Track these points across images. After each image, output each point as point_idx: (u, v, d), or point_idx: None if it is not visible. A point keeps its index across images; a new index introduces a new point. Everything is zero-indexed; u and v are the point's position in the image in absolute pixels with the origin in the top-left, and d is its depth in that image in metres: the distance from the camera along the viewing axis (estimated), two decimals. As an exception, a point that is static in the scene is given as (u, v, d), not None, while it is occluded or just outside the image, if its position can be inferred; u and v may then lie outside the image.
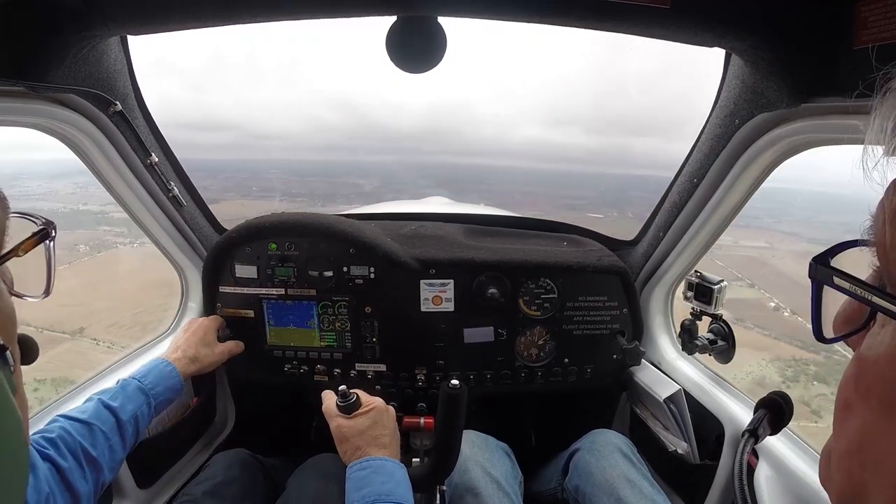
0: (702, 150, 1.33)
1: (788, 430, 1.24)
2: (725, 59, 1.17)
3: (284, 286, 1.59)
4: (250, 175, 53.59)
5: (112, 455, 1.06)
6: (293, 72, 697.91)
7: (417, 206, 2.55)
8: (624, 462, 1.33)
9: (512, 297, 1.62)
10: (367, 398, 1.13)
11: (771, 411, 0.96)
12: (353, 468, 1.02)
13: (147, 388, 1.20)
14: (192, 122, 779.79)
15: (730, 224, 1.40)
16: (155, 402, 1.20)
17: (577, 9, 0.93)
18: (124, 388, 1.17)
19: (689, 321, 1.53)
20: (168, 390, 1.25)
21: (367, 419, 1.09)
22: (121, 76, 1.23)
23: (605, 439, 1.42)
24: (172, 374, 1.27)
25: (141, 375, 1.22)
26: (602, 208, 30.05)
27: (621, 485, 1.25)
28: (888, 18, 0.76)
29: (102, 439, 1.05)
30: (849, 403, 0.38)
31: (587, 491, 1.30)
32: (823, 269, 0.40)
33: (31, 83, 1.00)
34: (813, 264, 0.41)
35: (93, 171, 1.30)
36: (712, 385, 1.48)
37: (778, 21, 0.90)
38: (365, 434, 1.07)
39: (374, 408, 1.12)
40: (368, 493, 0.96)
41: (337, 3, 0.98)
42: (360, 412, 1.10)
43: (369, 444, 1.06)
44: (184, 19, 1.01)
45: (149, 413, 1.18)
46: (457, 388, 1.14)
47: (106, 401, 1.11)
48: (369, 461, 1.03)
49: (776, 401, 0.97)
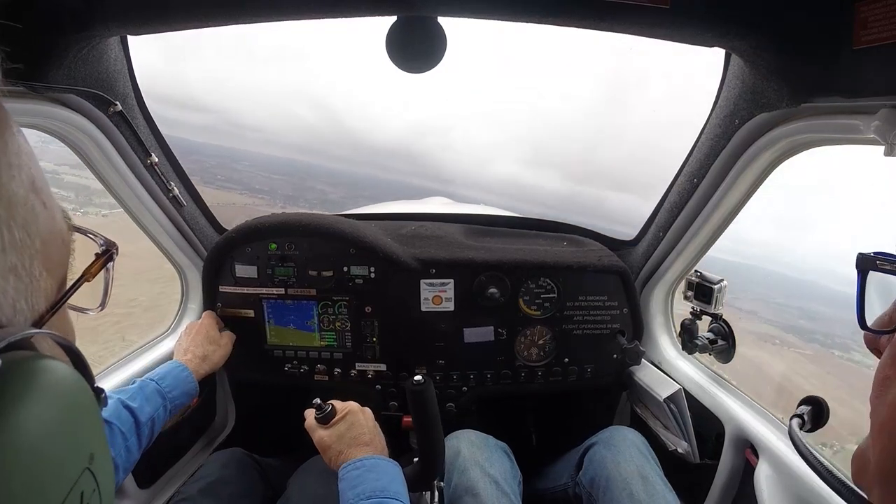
0: (702, 150, 1.33)
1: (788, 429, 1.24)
2: (725, 58, 1.16)
3: (284, 286, 1.59)
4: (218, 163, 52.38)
5: (128, 456, 1.06)
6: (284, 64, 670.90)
7: (417, 206, 2.55)
8: (640, 458, 1.33)
9: (512, 297, 1.63)
10: (341, 405, 1.15)
11: (814, 406, 0.97)
12: (346, 468, 1.02)
13: (165, 391, 1.20)
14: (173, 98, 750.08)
15: (730, 224, 1.40)
16: (171, 406, 1.21)
17: (577, 9, 0.93)
18: (143, 389, 1.17)
19: (689, 321, 1.53)
20: (184, 395, 1.26)
21: (344, 423, 1.10)
22: (121, 76, 1.23)
23: (622, 435, 1.43)
24: (189, 379, 1.28)
25: (158, 378, 1.22)
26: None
27: (635, 480, 1.25)
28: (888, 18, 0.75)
29: (121, 439, 1.05)
30: (888, 378, 0.42)
31: (602, 484, 1.30)
32: (868, 258, 0.46)
33: (31, 83, 1.00)
34: (859, 256, 0.47)
35: (93, 170, 1.30)
36: (712, 385, 1.48)
37: (778, 21, 0.90)
38: (344, 437, 1.08)
39: (349, 411, 1.13)
40: (362, 491, 0.96)
41: (337, 3, 0.98)
42: (336, 420, 1.11)
43: (350, 445, 1.07)
44: (184, 19, 1.01)
45: (164, 416, 1.19)
46: (420, 384, 1.14)
47: (125, 400, 1.11)
48: (362, 460, 1.03)
49: (820, 400, 0.98)
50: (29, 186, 0.38)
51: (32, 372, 0.33)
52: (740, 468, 1.31)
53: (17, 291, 0.37)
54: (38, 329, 0.39)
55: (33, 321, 0.39)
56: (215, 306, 1.61)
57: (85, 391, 0.38)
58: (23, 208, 0.38)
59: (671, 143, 19.39)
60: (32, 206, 0.39)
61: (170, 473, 1.51)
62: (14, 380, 0.32)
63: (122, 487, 1.28)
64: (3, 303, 0.35)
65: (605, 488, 1.29)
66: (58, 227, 0.43)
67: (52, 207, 0.42)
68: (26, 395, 0.32)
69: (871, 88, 0.85)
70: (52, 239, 0.41)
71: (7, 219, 0.35)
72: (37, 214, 0.39)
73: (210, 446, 1.73)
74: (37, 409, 0.32)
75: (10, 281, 0.36)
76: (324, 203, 39.98)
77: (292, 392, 1.83)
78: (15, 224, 0.36)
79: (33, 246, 0.38)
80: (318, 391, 1.16)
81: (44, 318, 0.40)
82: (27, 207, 0.38)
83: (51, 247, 0.41)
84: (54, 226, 0.42)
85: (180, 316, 1.73)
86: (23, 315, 0.37)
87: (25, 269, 0.38)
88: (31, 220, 0.38)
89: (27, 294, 0.38)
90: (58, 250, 0.43)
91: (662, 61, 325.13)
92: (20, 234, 0.37)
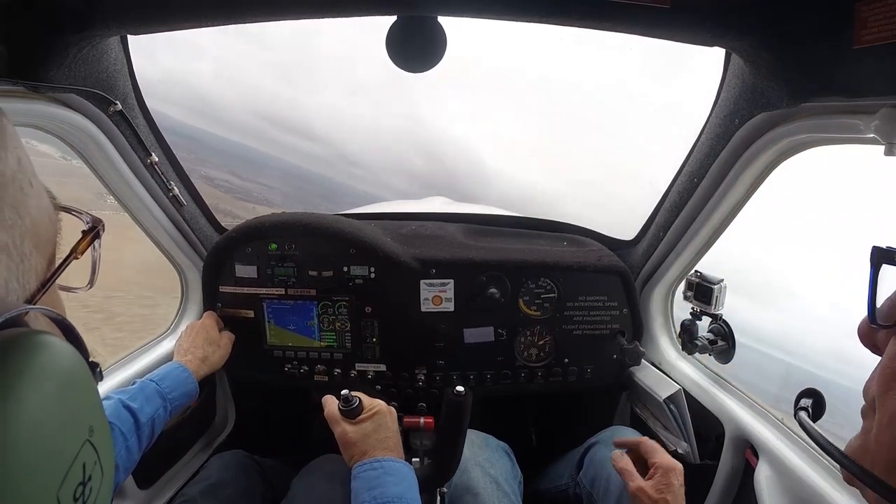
0: (702, 149, 1.32)
1: (787, 429, 1.24)
2: (725, 58, 1.16)
3: (284, 286, 1.59)
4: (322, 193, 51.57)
5: (129, 456, 1.06)
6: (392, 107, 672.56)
7: (417, 205, 2.55)
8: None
9: (512, 297, 1.62)
10: (370, 401, 1.13)
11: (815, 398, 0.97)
12: (361, 467, 1.01)
13: (165, 392, 1.20)
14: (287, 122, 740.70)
15: (730, 224, 1.40)
16: (171, 407, 1.20)
17: (577, 9, 0.93)
18: (143, 390, 1.17)
19: (689, 321, 1.53)
20: (184, 395, 1.25)
21: (372, 423, 1.08)
22: (121, 76, 1.23)
23: (623, 434, 1.43)
24: (189, 381, 1.28)
25: (158, 378, 1.22)
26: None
27: None
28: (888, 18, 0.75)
29: (121, 440, 1.04)
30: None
31: (602, 484, 1.31)
32: (881, 251, 0.47)
33: (31, 83, 1.00)
34: (874, 249, 0.47)
35: (93, 170, 1.30)
36: (712, 385, 1.48)
37: (778, 21, 0.90)
38: (370, 438, 1.06)
39: (378, 411, 1.11)
40: (381, 494, 0.95)
41: (337, 3, 0.98)
42: (364, 416, 1.09)
43: (375, 447, 1.05)
44: (184, 18, 1.01)
45: (164, 417, 1.18)
46: (461, 395, 1.13)
47: (126, 401, 1.10)
48: (380, 461, 1.02)
49: (818, 392, 0.99)
50: (16, 166, 0.39)
51: (31, 347, 0.34)
52: (740, 469, 1.31)
53: (9, 271, 0.37)
54: (32, 306, 0.39)
55: (25, 300, 0.39)
56: (215, 306, 1.61)
57: (81, 365, 0.38)
58: (11, 187, 0.38)
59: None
60: (20, 186, 0.39)
61: (169, 474, 1.51)
62: (13, 355, 0.32)
63: (122, 488, 1.28)
64: None
65: (606, 488, 1.29)
66: (45, 205, 0.43)
67: (38, 186, 0.42)
68: (26, 371, 0.32)
69: (871, 88, 0.85)
70: (41, 217, 0.42)
71: None
72: (25, 194, 0.39)
73: (210, 447, 1.73)
74: (36, 383, 0.32)
75: (1, 260, 0.36)
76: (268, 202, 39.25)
77: (292, 392, 1.83)
78: (4, 203, 0.37)
79: (23, 225, 0.39)
80: (318, 391, 1.15)
81: (35, 296, 0.41)
82: (16, 186, 0.38)
83: (39, 225, 0.41)
84: (41, 204, 0.42)
85: (180, 316, 1.73)
86: (15, 294, 0.38)
87: (17, 247, 0.38)
88: (20, 200, 0.39)
89: (18, 273, 0.38)
90: (46, 229, 0.43)
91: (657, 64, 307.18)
92: (10, 214, 0.37)
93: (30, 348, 0.34)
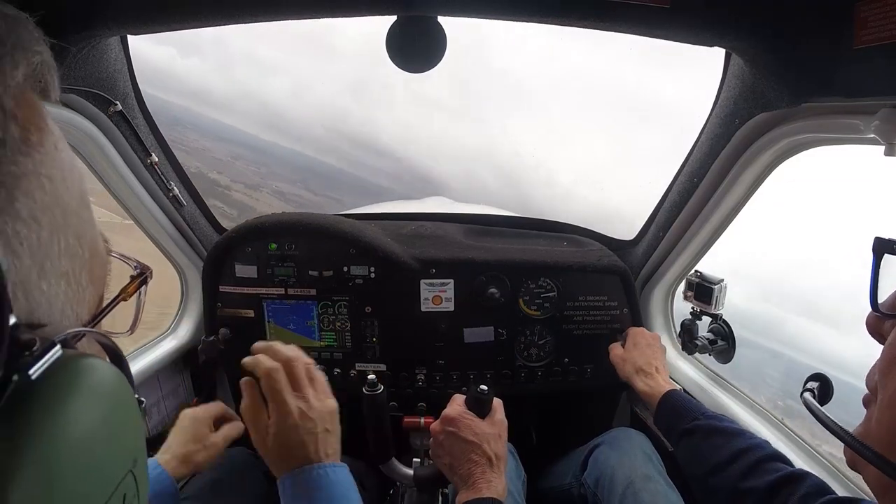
0: (702, 149, 1.33)
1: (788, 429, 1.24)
2: (725, 58, 1.16)
3: (284, 286, 1.59)
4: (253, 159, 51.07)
5: None
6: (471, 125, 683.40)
7: (417, 206, 2.55)
8: (644, 459, 1.34)
9: (512, 297, 1.62)
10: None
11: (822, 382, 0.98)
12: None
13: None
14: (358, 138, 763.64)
15: (730, 224, 1.40)
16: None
17: (577, 8, 0.93)
18: None
19: (689, 321, 1.53)
20: (155, 496, 1.08)
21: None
22: (121, 76, 1.23)
23: (627, 436, 1.44)
24: (161, 478, 1.11)
25: None
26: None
27: (639, 480, 1.26)
28: (888, 18, 0.75)
29: None
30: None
31: (606, 484, 1.31)
32: (885, 241, 0.48)
33: None
34: (877, 239, 0.49)
35: (93, 170, 1.30)
36: (712, 385, 1.48)
37: (778, 21, 0.90)
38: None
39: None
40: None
41: (337, 3, 0.98)
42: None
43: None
44: (184, 18, 1.01)
45: None
46: (484, 393, 1.11)
47: None
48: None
49: (826, 376, 1.00)
50: (79, 200, 0.40)
51: (85, 369, 0.33)
52: None
53: (67, 297, 0.38)
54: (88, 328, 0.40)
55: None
56: (215, 306, 1.61)
57: (130, 394, 0.38)
58: (75, 218, 0.39)
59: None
60: (85, 219, 0.41)
61: None
62: (68, 376, 0.32)
63: None
64: (53, 305, 0.36)
65: (610, 489, 1.29)
66: (100, 246, 0.44)
67: (96, 226, 0.43)
68: (78, 392, 0.32)
69: (871, 88, 0.85)
70: (97, 253, 0.43)
71: (64, 226, 0.37)
72: (86, 226, 0.41)
73: None
74: (89, 406, 0.32)
75: (61, 286, 0.37)
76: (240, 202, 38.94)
77: None
78: (70, 231, 0.38)
79: (83, 256, 0.40)
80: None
81: (85, 327, 0.41)
82: (80, 218, 0.40)
83: (95, 260, 0.42)
84: (98, 242, 0.44)
85: (180, 316, 1.73)
86: (68, 320, 0.38)
87: (75, 276, 0.38)
88: (82, 232, 0.40)
89: (74, 301, 0.39)
90: (100, 266, 0.44)
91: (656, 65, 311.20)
92: (73, 242, 0.38)
93: (85, 370, 0.33)
